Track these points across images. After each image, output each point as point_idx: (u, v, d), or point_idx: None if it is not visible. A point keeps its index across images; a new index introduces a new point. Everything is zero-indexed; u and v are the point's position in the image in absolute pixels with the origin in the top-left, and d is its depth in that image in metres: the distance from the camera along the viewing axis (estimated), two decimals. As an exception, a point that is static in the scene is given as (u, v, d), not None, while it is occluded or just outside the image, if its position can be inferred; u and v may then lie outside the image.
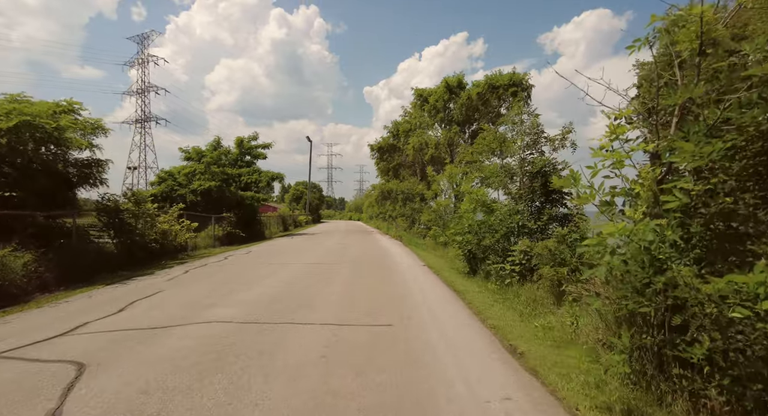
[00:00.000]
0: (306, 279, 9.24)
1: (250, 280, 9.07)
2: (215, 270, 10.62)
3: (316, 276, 9.54)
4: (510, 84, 27.78)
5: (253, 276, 9.58)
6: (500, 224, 8.67)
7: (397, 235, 24.22)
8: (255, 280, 9.07)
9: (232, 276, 9.62)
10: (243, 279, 9.29)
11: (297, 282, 8.82)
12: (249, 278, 9.38)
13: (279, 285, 8.46)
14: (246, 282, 8.88)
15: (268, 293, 7.50)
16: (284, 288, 7.99)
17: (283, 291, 7.65)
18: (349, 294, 7.57)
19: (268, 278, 9.38)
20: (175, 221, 15.06)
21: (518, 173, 9.28)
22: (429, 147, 27.18)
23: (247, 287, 8.18)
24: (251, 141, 28.32)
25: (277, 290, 7.80)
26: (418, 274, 10.25)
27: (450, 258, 13.07)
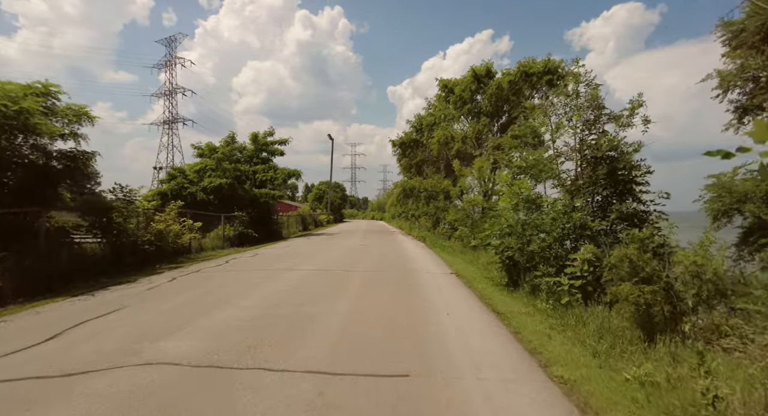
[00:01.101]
0: (306, 292, 7.53)
1: (238, 292, 7.44)
2: (204, 279, 9.07)
3: (319, 289, 7.82)
4: (545, 71, 25.35)
5: (245, 287, 7.96)
6: (552, 224, 6.70)
7: (420, 236, 22.34)
8: (244, 292, 7.43)
9: (219, 287, 8.03)
10: (231, 290, 7.68)
11: (294, 296, 7.12)
12: (238, 289, 7.77)
13: (269, 301, 6.78)
14: (233, 294, 7.25)
15: (250, 314, 5.82)
16: (273, 307, 6.30)
17: (271, 312, 5.95)
18: (356, 317, 5.79)
19: (262, 289, 7.73)
20: (174, 220, 13.72)
21: (575, 159, 7.27)
22: (455, 141, 25.14)
23: (227, 304, 6.53)
24: (267, 136, 27.06)
25: (264, 309, 6.11)
26: (444, 286, 8.38)
27: (482, 264, 11.12)
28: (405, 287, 8.08)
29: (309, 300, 6.66)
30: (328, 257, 13.24)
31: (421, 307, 6.40)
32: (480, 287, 8.12)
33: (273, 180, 25.13)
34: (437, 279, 9.07)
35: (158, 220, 12.45)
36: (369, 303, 6.57)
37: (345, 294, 7.29)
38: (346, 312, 5.95)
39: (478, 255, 12.86)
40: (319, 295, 7.07)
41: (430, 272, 10.10)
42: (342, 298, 6.88)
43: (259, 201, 23.37)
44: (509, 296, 7.38)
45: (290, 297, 6.96)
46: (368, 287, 8.00)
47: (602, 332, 4.92)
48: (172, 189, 20.80)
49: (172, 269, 10.78)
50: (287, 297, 6.97)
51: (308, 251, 15.46)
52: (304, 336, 4.81)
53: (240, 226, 20.05)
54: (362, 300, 6.78)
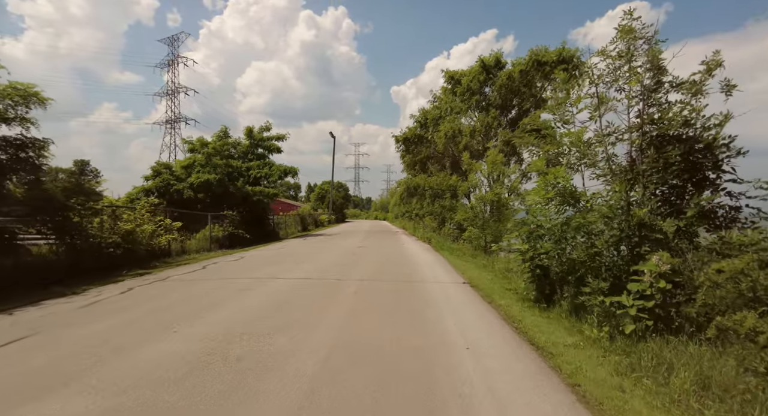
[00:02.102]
0: (280, 314, 5.88)
1: (194, 313, 5.81)
2: (164, 291, 7.45)
3: (299, 309, 6.18)
4: (559, 60, 23.59)
5: (205, 305, 6.32)
6: (607, 224, 5.01)
7: (425, 237, 20.67)
8: (201, 313, 5.80)
9: (174, 305, 6.40)
10: (187, 309, 6.05)
11: (261, 321, 5.47)
12: (196, 308, 6.13)
13: (225, 327, 5.12)
14: (186, 316, 5.62)
15: (186, 354, 4.14)
16: (225, 339, 4.63)
17: (217, 350, 4.26)
18: (338, 359, 4.13)
19: (225, 308, 6.10)
20: (148, 219, 12.14)
21: (631, 139, 5.57)
22: (463, 135, 23.43)
23: (166, 333, 4.90)
24: (263, 131, 25.49)
25: (210, 344, 4.42)
26: (458, 301, 6.72)
27: (499, 271, 9.44)
28: (408, 304, 6.42)
29: (279, 328, 5.00)
30: (324, 261, 11.60)
31: (430, 337, 4.74)
32: (503, 303, 6.44)
33: (268, 177, 23.55)
34: (448, 292, 7.40)
35: (127, 219, 10.85)
36: (359, 334, 4.91)
37: (331, 316, 5.63)
38: (325, 350, 4.27)
39: (493, 260, 11.17)
40: (295, 320, 5.40)
41: (438, 281, 8.44)
42: (324, 324, 5.22)
43: (252, 199, 21.80)
44: (543, 316, 5.70)
45: (256, 321, 5.31)
46: (362, 305, 6.34)
47: (706, 385, 3.25)
48: (157, 186, 19.25)
49: (137, 276, 9.19)
50: (252, 321, 5.31)
51: (301, 254, 13.83)
52: (256, 398, 3.16)
53: (230, 226, 18.47)
54: (351, 328, 5.12)
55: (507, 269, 9.48)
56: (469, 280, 8.57)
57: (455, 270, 10.19)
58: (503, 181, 14.31)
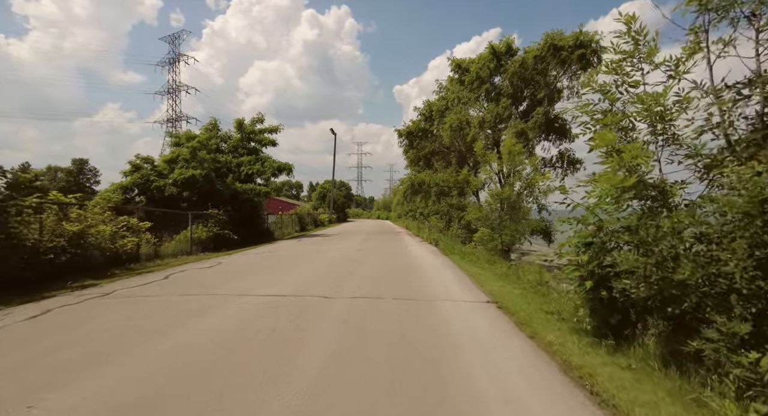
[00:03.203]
0: (224, 364, 4.00)
1: (86, 361, 3.95)
2: (91, 315, 5.59)
3: (257, 349, 4.30)
4: (576, 45, 21.63)
5: (121, 346, 4.44)
6: (744, 227, 3.10)
7: (431, 238, 18.76)
8: (97, 363, 3.94)
9: (79, 342, 4.54)
10: (84, 353, 4.19)
11: (186, 382, 3.59)
12: (99, 352, 4.26)
13: (112, 398, 3.26)
14: (75, 364, 3.76)
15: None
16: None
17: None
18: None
19: (147, 350, 4.21)
20: (107, 219, 10.31)
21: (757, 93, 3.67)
22: (471, 126, 21.51)
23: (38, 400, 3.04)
24: (256, 124, 23.65)
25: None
26: (488, 337, 4.80)
27: (529, 284, 7.55)
28: (416, 339, 4.53)
29: (208, 398, 3.12)
30: (311, 270, 9.72)
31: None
32: (552, 338, 4.52)
33: (260, 173, 21.70)
34: (471, 319, 5.49)
35: (74, 219, 9.00)
36: (342, 405, 3.03)
37: (303, 365, 3.75)
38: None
39: (518, 268, 9.27)
40: (243, 375, 3.52)
41: (454, 299, 6.53)
42: (287, 386, 3.33)
43: (241, 197, 19.96)
44: (620, 364, 3.77)
45: (176, 384, 3.43)
46: (350, 343, 4.45)
47: None
48: (135, 182, 17.41)
49: (78, 289, 7.37)
50: (168, 384, 3.43)
51: (289, 259, 11.95)
52: None
53: (214, 227, 16.63)
54: (330, 392, 3.24)
55: (538, 281, 7.57)
56: (493, 298, 6.67)
57: (472, 281, 8.28)
58: (523, 173, 12.40)
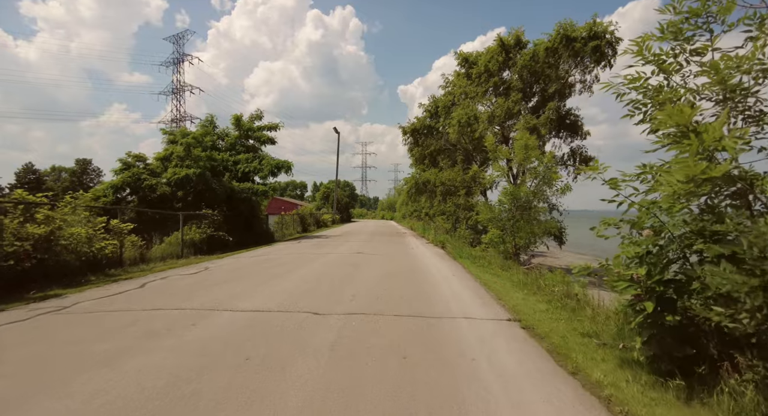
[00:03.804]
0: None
1: (21, 396, 2.98)
2: (26, 339, 4.63)
3: (205, 406, 3.32)
4: (590, 36, 20.51)
5: (55, 380, 3.47)
6: None
7: (437, 240, 17.72)
8: (35, 394, 2.97)
9: (12, 373, 3.58)
10: (12, 393, 3.22)
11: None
12: (36, 385, 3.30)
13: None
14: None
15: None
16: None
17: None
18: None
19: (77, 393, 3.24)
20: (83, 220, 9.39)
21: None
22: (479, 121, 20.44)
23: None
24: (255, 120, 22.74)
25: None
26: (518, 376, 3.79)
27: (557, 296, 6.51)
28: (427, 382, 3.52)
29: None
30: (304, 276, 8.73)
31: None
32: (599, 376, 3.50)
33: (257, 171, 20.77)
34: (492, 346, 4.46)
35: (41, 220, 8.06)
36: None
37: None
38: None
39: (536, 275, 8.22)
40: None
41: (470, 317, 5.50)
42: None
43: (239, 196, 19.04)
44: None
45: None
46: (339, 386, 3.46)
47: None
48: (126, 181, 16.51)
49: (39, 301, 6.43)
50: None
51: (283, 264, 10.97)
52: None
53: (208, 228, 15.72)
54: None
55: (565, 293, 6.53)
56: (516, 314, 5.64)
57: (487, 292, 7.25)
58: (539, 168, 11.32)
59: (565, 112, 23.31)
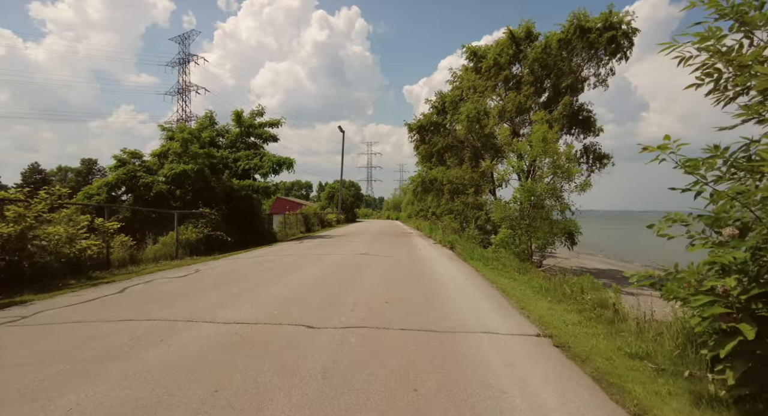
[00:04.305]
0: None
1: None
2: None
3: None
4: (606, 27, 19.54)
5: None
6: None
7: (445, 241, 16.87)
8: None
9: None
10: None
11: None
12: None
13: None
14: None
15: None
16: None
17: None
18: None
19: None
20: (65, 219, 8.66)
21: None
22: (489, 116, 19.55)
23: None
24: (255, 116, 22.01)
25: None
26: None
27: (589, 304, 5.65)
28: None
29: None
30: (301, 280, 7.93)
31: None
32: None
33: (258, 169, 20.03)
34: (523, 371, 3.62)
35: (11, 218, 7.31)
36: None
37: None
38: None
39: (559, 280, 7.34)
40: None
41: (490, 331, 4.65)
42: None
43: (238, 194, 18.31)
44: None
45: None
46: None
47: None
48: (121, 178, 15.84)
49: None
50: None
51: (281, 266, 10.18)
52: None
53: (205, 228, 15.00)
54: None
55: (600, 302, 5.65)
56: (544, 328, 4.78)
57: (507, 299, 6.38)
58: (559, 162, 10.41)
59: (577, 108, 22.33)
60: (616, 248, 32.22)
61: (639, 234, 55.60)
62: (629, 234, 49.79)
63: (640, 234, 52.92)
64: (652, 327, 4.41)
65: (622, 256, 29.06)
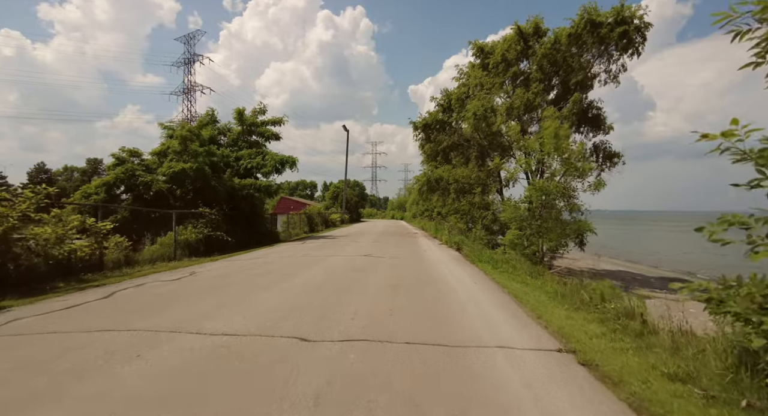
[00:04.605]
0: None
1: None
2: None
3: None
4: (617, 22, 18.94)
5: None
6: None
7: (451, 242, 16.37)
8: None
9: None
10: None
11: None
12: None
13: None
14: None
15: None
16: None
17: None
18: None
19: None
20: (53, 220, 8.27)
21: None
22: (497, 113, 19.02)
23: None
24: (258, 115, 21.62)
25: None
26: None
27: (611, 313, 5.15)
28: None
29: None
30: (299, 285, 7.47)
31: None
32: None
33: (260, 168, 19.61)
34: (543, 391, 3.13)
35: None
36: None
37: None
38: None
39: (577, 285, 6.83)
40: None
41: (505, 345, 4.17)
42: None
43: (240, 194, 17.92)
44: None
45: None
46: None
47: None
48: (119, 177, 15.48)
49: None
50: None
51: (280, 268, 9.73)
52: None
53: (205, 228, 14.62)
54: None
55: (624, 312, 5.14)
56: (565, 341, 4.29)
57: (521, 307, 5.89)
58: (572, 158, 9.89)
59: (587, 105, 21.77)
60: (622, 248, 31.55)
61: (642, 234, 54.90)
62: (634, 234, 49.05)
63: (643, 234, 52.06)
64: (691, 343, 3.90)
65: (627, 256, 28.38)
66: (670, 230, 65.05)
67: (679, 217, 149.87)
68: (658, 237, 48.28)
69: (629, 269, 22.21)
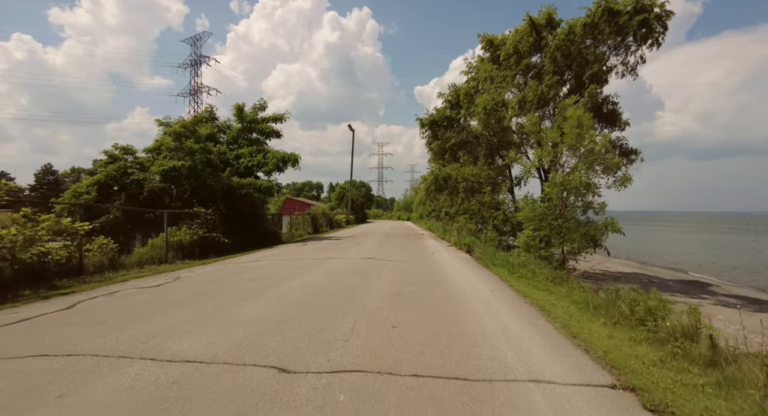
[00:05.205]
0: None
1: None
2: None
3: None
4: (637, 10, 17.84)
5: None
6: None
7: (461, 243, 15.39)
8: None
9: None
10: None
11: None
12: None
13: None
14: None
15: None
16: None
17: None
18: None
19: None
20: (22, 220, 7.48)
21: None
22: (508, 107, 18.02)
23: None
24: (258, 111, 20.82)
25: None
26: None
27: (670, 336, 4.18)
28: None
29: None
30: (291, 294, 6.57)
31: None
32: None
33: (261, 165, 18.78)
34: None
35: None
36: None
37: None
38: None
39: (613, 295, 5.84)
40: None
41: (540, 379, 3.21)
42: None
43: (238, 193, 17.09)
44: None
45: None
46: None
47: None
48: (110, 175, 14.71)
49: None
50: None
51: (274, 273, 8.85)
52: None
53: (200, 228, 13.81)
54: None
55: (683, 331, 4.17)
56: (618, 373, 3.33)
57: (550, 323, 4.92)
58: (597, 150, 8.89)
59: (602, 100, 20.71)
60: (631, 249, 30.27)
61: (648, 235, 53.66)
62: (639, 235, 47.79)
63: (648, 235, 50.84)
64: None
65: (638, 258, 27.13)
66: (671, 230, 63.89)
67: (680, 217, 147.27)
68: (663, 239, 46.98)
69: (644, 271, 21.04)
